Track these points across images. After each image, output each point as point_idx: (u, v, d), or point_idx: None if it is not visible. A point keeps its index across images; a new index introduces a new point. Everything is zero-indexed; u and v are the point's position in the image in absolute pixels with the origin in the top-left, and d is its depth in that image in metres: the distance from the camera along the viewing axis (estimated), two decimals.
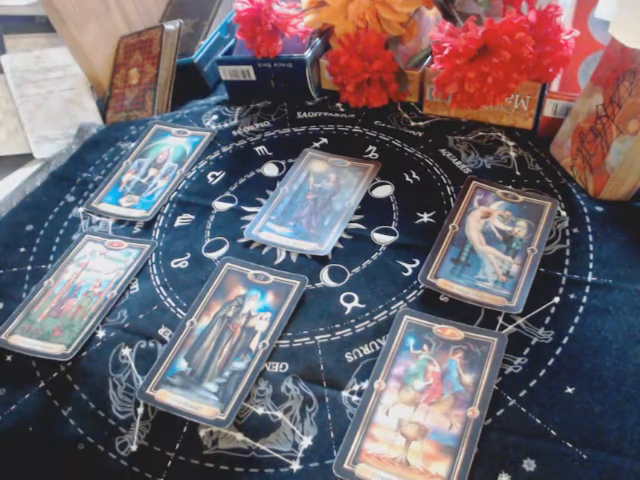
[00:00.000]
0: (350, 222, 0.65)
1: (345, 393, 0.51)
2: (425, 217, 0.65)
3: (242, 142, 0.78)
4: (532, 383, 0.50)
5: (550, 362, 0.51)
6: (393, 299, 0.57)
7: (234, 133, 0.80)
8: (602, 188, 0.62)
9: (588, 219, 0.61)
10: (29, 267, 0.68)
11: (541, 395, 0.49)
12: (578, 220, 0.61)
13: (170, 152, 0.79)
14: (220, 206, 0.70)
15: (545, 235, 0.60)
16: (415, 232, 0.63)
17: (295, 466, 0.48)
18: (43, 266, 0.67)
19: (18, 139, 0.92)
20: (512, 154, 0.70)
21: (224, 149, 0.78)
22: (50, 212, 0.74)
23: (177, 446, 0.51)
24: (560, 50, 0.66)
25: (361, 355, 0.54)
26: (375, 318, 0.56)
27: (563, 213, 0.62)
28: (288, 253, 0.63)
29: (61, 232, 0.71)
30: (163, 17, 1.02)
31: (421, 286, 0.58)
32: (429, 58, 0.77)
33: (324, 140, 0.76)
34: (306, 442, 0.49)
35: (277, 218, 0.66)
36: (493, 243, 0.60)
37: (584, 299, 0.54)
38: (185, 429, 0.51)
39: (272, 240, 0.64)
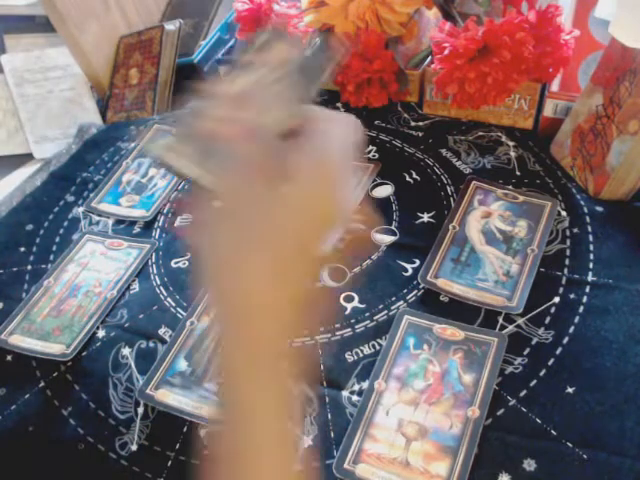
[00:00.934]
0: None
1: (345, 393, 0.51)
2: (425, 217, 0.65)
3: None
4: (532, 383, 0.50)
5: (550, 362, 0.51)
6: (393, 299, 0.57)
7: None
8: (602, 188, 0.62)
9: (588, 219, 0.61)
10: (29, 267, 0.68)
11: (541, 395, 0.49)
12: (578, 220, 0.61)
13: None
14: None
15: (545, 235, 0.60)
16: (415, 232, 0.63)
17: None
18: (43, 266, 0.67)
19: (18, 139, 0.92)
20: (512, 154, 0.70)
21: None
22: (50, 212, 0.74)
23: (177, 446, 0.51)
24: (560, 50, 0.66)
25: (361, 355, 0.54)
26: (375, 318, 0.56)
27: (563, 213, 0.62)
28: None
29: (61, 232, 0.71)
30: (163, 17, 1.02)
31: (421, 286, 0.58)
32: (429, 58, 0.77)
33: None
34: (306, 442, 0.49)
35: None
36: (493, 243, 0.60)
37: (584, 299, 0.54)
38: (185, 429, 0.51)
39: None
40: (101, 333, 0.59)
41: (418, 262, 0.60)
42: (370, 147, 0.74)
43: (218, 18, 0.99)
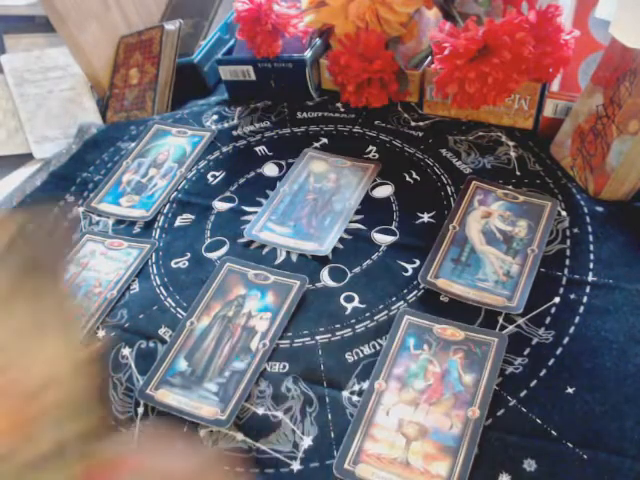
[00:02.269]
0: (350, 222, 0.65)
1: (345, 393, 0.51)
2: (425, 217, 0.65)
3: (242, 142, 0.78)
4: (532, 383, 0.50)
5: (550, 362, 0.51)
6: (393, 299, 0.57)
7: (234, 133, 0.80)
8: (602, 188, 0.62)
9: (588, 219, 0.61)
10: None
11: (541, 395, 0.49)
12: (578, 220, 0.61)
13: (170, 152, 0.79)
14: (220, 206, 0.70)
15: (545, 235, 0.60)
16: (415, 232, 0.63)
17: (295, 466, 0.48)
18: None
19: (18, 139, 0.91)
20: (512, 154, 0.70)
21: (224, 149, 0.78)
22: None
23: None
24: (560, 50, 0.66)
25: (361, 355, 0.54)
26: (375, 318, 0.56)
27: (563, 213, 0.62)
28: (288, 253, 0.63)
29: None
30: (163, 17, 1.02)
31: (421, 286, 0.58)
32: (429, 58, 0.76)
33: (324, 140, 0.76)
34: (306, 442, 0.49)
35: (277, 218, 0.66)
36: (493, 243, 0.60)
37: (584, 299, 0.54)
38: (185, 429, 0.51)
39: (272, 240, 0.64)
40: (101, 333, 0.59)
41: (418, 262, 0.60)
42: (370, 147, 0.74)
43: (218, 18, 0.99)
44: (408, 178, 0.69)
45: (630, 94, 0.59)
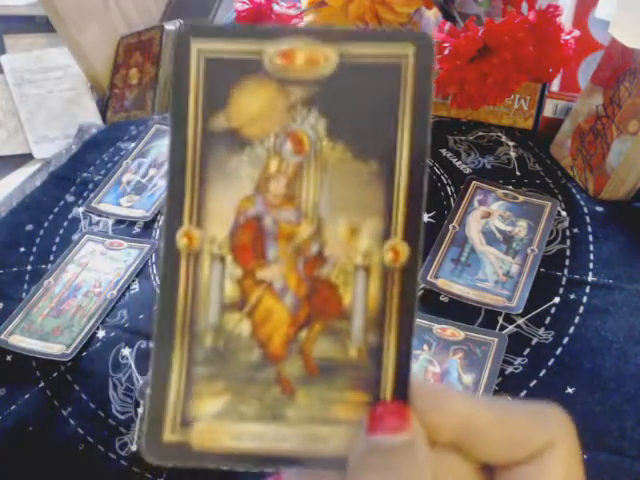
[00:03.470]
0: None
1: None
2: (425, 217, 0.65)
3: None
4: (532, 383, 0.50)
5: (550, 362, 0.51)
6: None
7: None
8: (602, 188, 0.62)
9: (588, 219, 0.61)
10: (29, 267, 0.68)
11: (541, 395, 0.49)
12: (578, 220, 0.61)
13: None
14: None
15: (545, 235, 0.60)
16: None
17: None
18: (43, 266, 0.67)
19: (18, 139, 0.92)
20: (512, 154, 0.70)
21: None
22: (50, 212, 0.74)
23: None
24: (560, 50, 0.66)
25: None
26: None
27: (563, 213, 0.62)
28: None
29: (61, 232, 0.71)
30: (163, 17, 1.02)
31: (421, 286, 0.58)
32: None
33: None
34: None
35: None
36: (493, 243, 0.60)
37: (584, 299, 0.54)
38: None
39: None
40: (101, 333, 0.59)
41: None
42: None
43: (218, 18, 0.99)
44: None
45: (630, 94, 0.59)
